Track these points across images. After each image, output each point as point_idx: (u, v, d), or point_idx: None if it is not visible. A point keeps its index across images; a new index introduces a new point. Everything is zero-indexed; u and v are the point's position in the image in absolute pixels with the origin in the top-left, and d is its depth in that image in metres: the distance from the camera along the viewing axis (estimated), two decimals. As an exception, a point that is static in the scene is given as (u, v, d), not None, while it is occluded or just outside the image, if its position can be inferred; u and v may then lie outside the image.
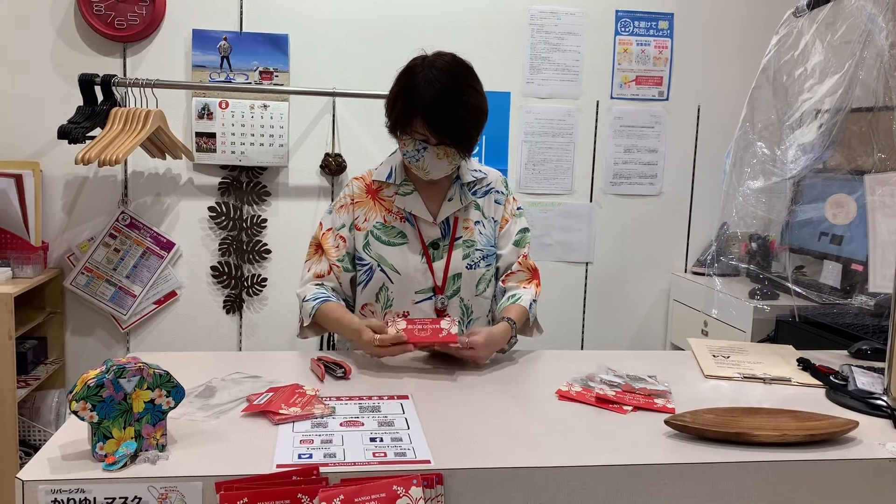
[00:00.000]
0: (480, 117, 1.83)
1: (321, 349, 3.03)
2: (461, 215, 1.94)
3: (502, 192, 2.02)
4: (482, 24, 3.24)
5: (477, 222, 1.95)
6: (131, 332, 3.15)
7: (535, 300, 1.98)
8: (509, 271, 2.00)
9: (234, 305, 3.21)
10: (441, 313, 1.90)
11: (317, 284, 1.92)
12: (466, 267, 1.91)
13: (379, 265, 1.90)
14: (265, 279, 3.21)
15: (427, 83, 1.75)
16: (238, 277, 3.19)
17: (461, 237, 1.93)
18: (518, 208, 2.04)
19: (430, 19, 3.20)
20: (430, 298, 1.90)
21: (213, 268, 3.17)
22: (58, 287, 3.05)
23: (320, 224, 1.97)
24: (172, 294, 3.16)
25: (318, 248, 1.96)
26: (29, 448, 2.84)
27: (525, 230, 2.03)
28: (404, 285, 1.89)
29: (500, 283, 2.00)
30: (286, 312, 3.21)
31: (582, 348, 3.47)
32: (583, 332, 3.50)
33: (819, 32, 1.93)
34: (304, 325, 1.91)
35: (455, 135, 1.79)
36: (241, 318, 3.23)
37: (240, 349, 3.22)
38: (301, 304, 1.92)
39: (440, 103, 1.75)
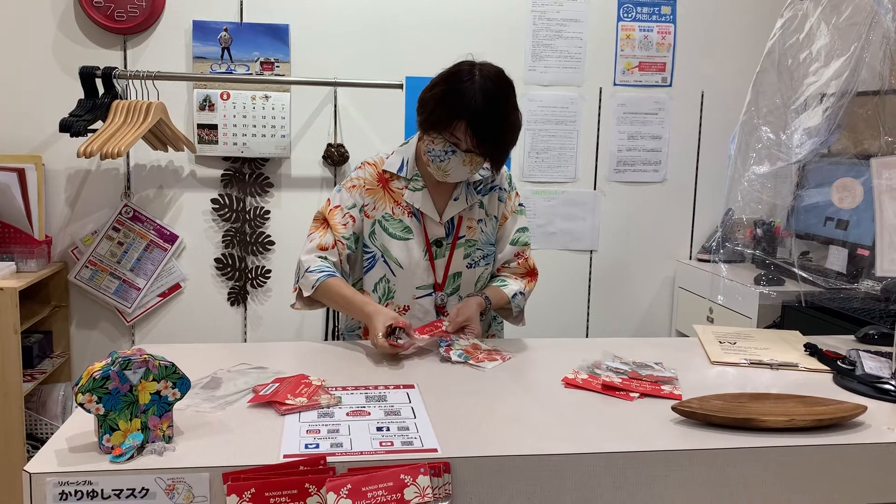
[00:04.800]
0: (517, 135, 1.83)
1: (325, 339, 3.04)
2: (465, 214, 1.94)
3: (505, 189, 2.01)
4: (484, 12, 3.22)
5: (479, 220, 1.96)
6: (136, 324, 3.15)
7: (522, 293, 1.99)
8: (505, 264, 2.01)
9: (238, 297, 3.21)
10: (441, 310, 1.93)
11: (320, 257, 1.89)
12: (467, 266, 1.94)
13: (382, 256, 1.90)
14: (269, 271, 3.21)
15: (481, 92, 1.73)
16: (242, 269, 3.19)
17: (464, 236, 1.93)
18: (520, 205, 2.04)
19: (431, 7, 3.18)
20: (430, 294, 1.92)
21: (216, 260, 3.17)
22: (62, 281, 3.05)
23: (328, 200, 1.96)
24: (177, 287, 3.16)
25: (323, 221, 1.95)
26: (35, 441, 2.85)
27: (524, 229, 2.03)
28: (406, 280, 1.90)
29: (496, 271, 2.02)
30: (289, 304, 3.21)
31: (587, 336, 3.47)
32: (588, 321, 3.50)
33: (824, 15, 1.91)
34: (304, 295, 1.88)
35: (494, 148, 1.79)
36: (246, 309, 3.23)
37: (244, 341, 3.22)
38: (303, 273, 1.88)
39: (488, 115, 1.74)
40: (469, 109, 1.72)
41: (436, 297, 1.92)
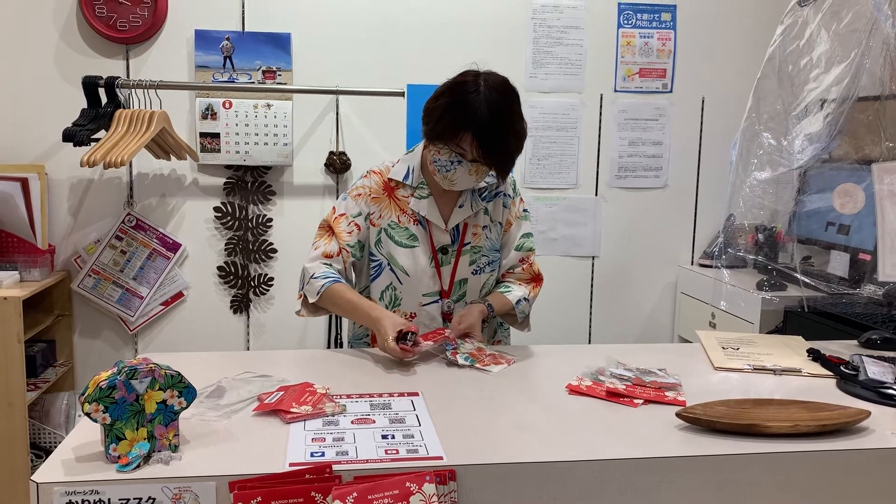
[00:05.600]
0: (523, 144, 1.83)
1: (328, 347, 3.04)
2: (470, 221, 1.94)
3: (510, 195, 2.02)
4: (485, 20, 3.23)
5: (485, 227, 1.96)
6: (139, 333, 3.16)
7: (526, 298, 2.00)
8: (510, 269, 2.02)
9: (241, 305, 3.21)
10: (447, 317, 1.93)
11: (325, 264, 1.90)
12: (472, 273, 1.95)
13: (389, 264, 1.90)
14: (272, 279, 3.21)
15: (486, 103, 1.73)
16: (245, 277, 3.20)
17: (469, 243, 1.94)
18: (524, 210, 2.05)
19: (432, 15, 3.20)
20: (436, 302, 1.93)
21: (219, 268, 3.18)
22: (65, 290, 3.05)
23: (333, 209, 1.96)
24: (179, 295, 3.16)
25: (328, 229, 1.95)
26: (39, 450, 2.85)
27: (528, 235, 2.03)
28: (412, 287, 1.91)
29: (501, 277, 2.03)
30: (293, 311, 3.22)
31: (590, 343, 3.47)
32: (590, 327, 3.50)
33: (824, 21, 1.92)
34: (310, 301, 1.88)
35: (500, 158, 1.80)
36: (249, 317, 3.23)
37: (247, 349, 3.23)
38: (308, 280, 1.89)
39: (493, 126, 1.74)
40: (474, 121, 1.73)
41: (442, 304, 1.93)
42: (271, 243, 3.20)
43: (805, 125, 1.93)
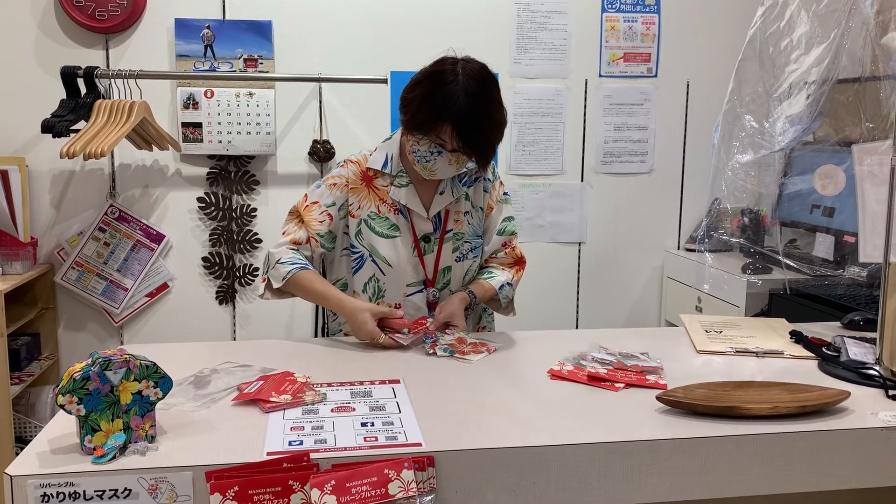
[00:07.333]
0: (503, 133, 1.81)
1: (315, 336, 3.03)
2: (452, 207, 1.93)
3: (489, 179, 2.00)
4: (468, 5, 3.21)
5: (466, 213, 1.94)
6: (124, 325, 3.14)
7: (510, 283, 1.99)
8: (493, 254, 2.01)
9: (226, 296, 3.20)
10: (433, 306, 1.91)
11: (292, 250, 1.88)
12: (455, 260, 1.93)
13: (370, 255, 1.88)
14: (257, 269, 3.20)
15: (464, 93, 1.70)
16: (230, 268, 3.18)
17: (451, 230, 1.92)
18: (505, 194, 2.03)
19: (415, 1, 3.17)
20: (421, 291, 1.91)
21: (204, 259, 3.16)
22: (49, 282, 3.03)
23: (305, 196, 1.93)
24: (164, 286, 3.14)
25: (298, 217, 1.92)
26: (25, 444, 2.83)
27: (510, 218, 2.02)
28: (396, 278, 1.89)
29: (483, 262, 2.02)
30: (279, 301, 3.20)
31: (577, 328, 3.47)
32: (577, 313, 3.50)
33: (804, 2, 1.92)
34: (274, 286, 1.86)
35: (480, 149, 1.78)
36: (235, 308, 3.22)
37: (234, 339, 3.21)
38: (273, 265, 1.86)
39: (473, 117, 1.71)
40: (453, 113, 1.70)
41: (427, 293, 1.91)
42: (256, 233, 3.18)
43: (786, 107, 1.93)
